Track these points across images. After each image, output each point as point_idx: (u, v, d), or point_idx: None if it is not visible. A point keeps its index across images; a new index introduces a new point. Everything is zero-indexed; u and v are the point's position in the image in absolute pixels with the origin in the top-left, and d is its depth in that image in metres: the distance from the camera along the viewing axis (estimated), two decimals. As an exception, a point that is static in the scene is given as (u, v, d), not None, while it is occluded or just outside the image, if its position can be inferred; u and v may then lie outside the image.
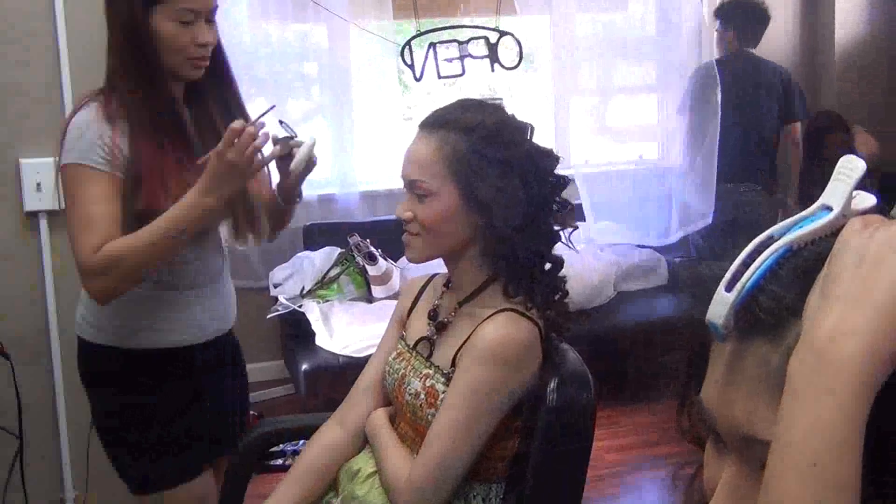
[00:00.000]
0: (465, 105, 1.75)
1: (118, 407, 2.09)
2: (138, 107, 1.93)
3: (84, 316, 2.06)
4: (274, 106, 1.93)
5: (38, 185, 2.53)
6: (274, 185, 2.17)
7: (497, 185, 1.63)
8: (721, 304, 0.66)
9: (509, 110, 1.77)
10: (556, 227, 1.74)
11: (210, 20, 1.98)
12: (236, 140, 1.80)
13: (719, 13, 4.55)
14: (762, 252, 0.67)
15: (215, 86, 2.07)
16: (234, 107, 2.08)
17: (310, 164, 2.02)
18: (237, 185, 1.87)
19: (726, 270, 0.67)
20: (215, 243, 2.14)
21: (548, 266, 1.73)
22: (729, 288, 0.66)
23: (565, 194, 1.75)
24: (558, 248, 1.76)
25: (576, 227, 1.79)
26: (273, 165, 2.10)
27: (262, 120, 1.88)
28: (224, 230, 2.16)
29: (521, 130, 1.71)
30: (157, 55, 1.94)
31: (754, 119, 4.44)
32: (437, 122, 1.70)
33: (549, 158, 1.72)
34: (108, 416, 2.11)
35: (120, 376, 2.07)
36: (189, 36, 1.93)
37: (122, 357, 2.05)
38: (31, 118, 2.51)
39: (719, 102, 4.37)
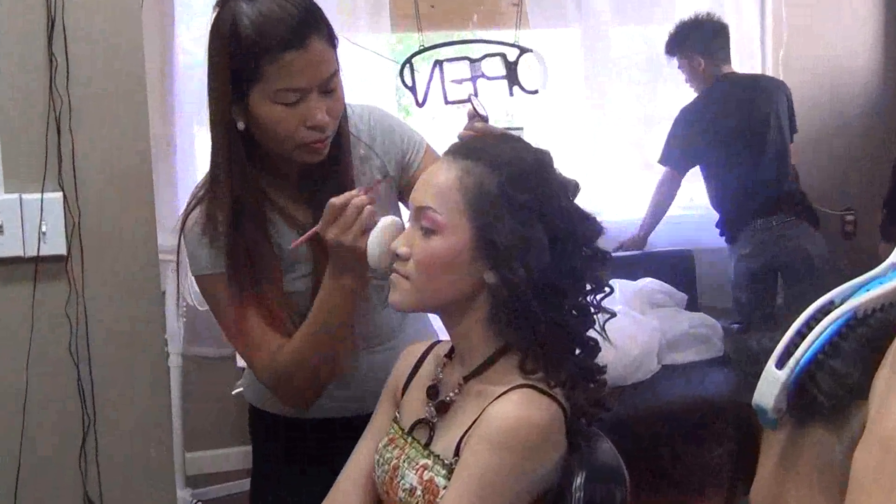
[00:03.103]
0: (503, 138, 1.78)
1: (253, 467, 2.38)
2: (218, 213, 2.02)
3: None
4: (388, 176, 1.96)
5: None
6: None
7: (518, 233, 1.63)
8: (771, 385, 0.66)
9: (531, 141, 1.78)
10: (592, 309, 1.73)
11: (327, 90, 1.93)
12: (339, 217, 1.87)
13: (673, 47, 4.67)
14: (820, 320, 0.67)
15: (329, 169, 2.05)
16: (347, 185, 2.04)
17: None
18: (361, 259, 1.88)
19: (776, 342, 0.67)
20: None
21: (577, 351, 1.72)
22: (780, 364, 0.66)
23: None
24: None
25: (611, 291, 1.77)
26: None
27: (374, 191, 1.93)
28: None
29: (562, 184, 1.71)
30: (256, 147, 1.98)
31: (772, 141, 4.59)
32: (465, 151, 1.72)
33: (590, 225, 1.72)
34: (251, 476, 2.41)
35: (254, 436, 2.37)
36: (297, 118, 1.90)
37: (255, 415, 2.33)
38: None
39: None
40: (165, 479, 2.78)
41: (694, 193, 4.99)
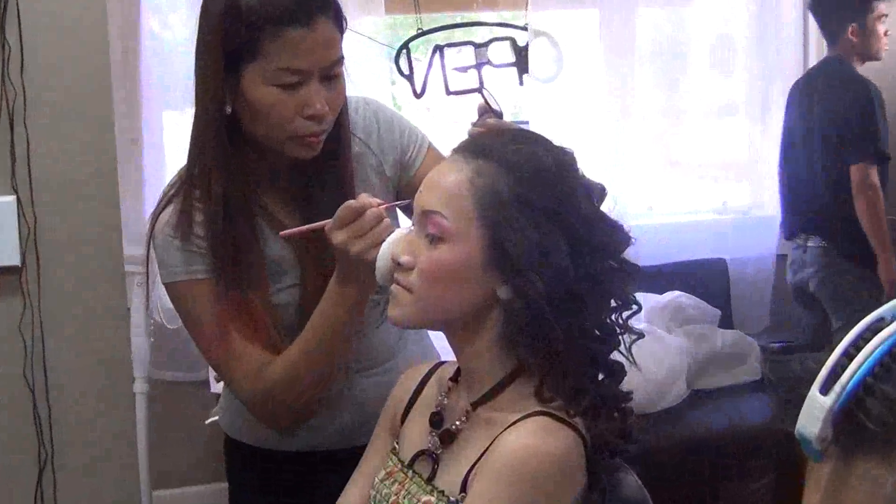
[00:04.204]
0: (519, 135, 1.77)
1: (230, 500, 2.39)
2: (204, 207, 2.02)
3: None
4: (409, 201, 1.92)
5: None
6: None
7: (535, 242, 1.63)
8: (815, 411, 0.67)
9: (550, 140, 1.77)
10: (618, 329, 1.73)
11: (329, 77, 1.95)
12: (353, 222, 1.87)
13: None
14: (869, 339, 0.68)
15: (325, 166, 2.06)
16: (345, 188, 2.06)
17: None
18: (368, 270, 1.87)
19: (820, 363, 0.68)
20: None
21: (600, 375, 1.73)
22: (825, 389, 0.66)
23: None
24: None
25: (639, 309, 1.77)
26: None
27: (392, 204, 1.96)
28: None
29: (586, 188, 1.72)
30: (246, 134, 2.00)
31: (816, 152, 4.57)
32: (476, 149, 1.71)
33: (617, 234, 1.72)
34: None
35: (230, 467, 2.38)
36: (293, 104, 1.92)
37: (231, 446, 2.33)
38: None
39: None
40: (131, 520, 2.79)
41: (728, 196, 5.00)
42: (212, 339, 2.07)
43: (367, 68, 4.40)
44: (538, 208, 1.64)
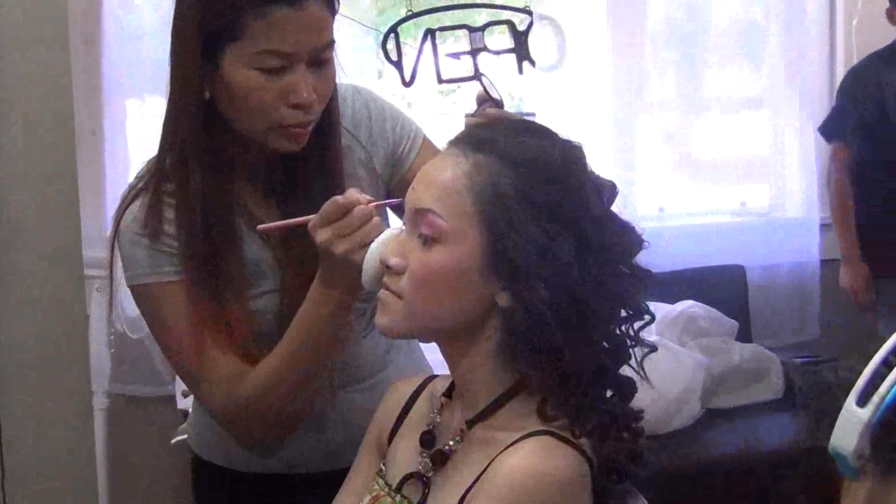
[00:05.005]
0: (522, 127, 1.77)
1: None
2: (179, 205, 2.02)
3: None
4: (401, 199, 1.92)
5: None
6: None
7: (540, 245, 1.62)
8: (851, 425, 0.67)
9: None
10: (629, 341, 1.73)
11: (318, 62, 1.95)
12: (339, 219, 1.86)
13: None
14: None
15: (312, 158, 2.07)
16: (334, 184, 2.06)
17: None
18: (354, 272, 1.87)
19: (856, 373, 0.67)
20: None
21: (609, 392, 1.72)
22: (862, 401, 0.67)
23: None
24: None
25: (652, 319, 1.76)
26: None
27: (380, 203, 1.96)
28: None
29: (596, 186, 1.71)
30: (225, 124, 1.99)
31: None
32: (475, 142, 1.70)
33: (629, 237, 1.71)
34: None
35: (197, 488, 2.38)
36: (277, 91, 1.92)
37: (200, 466, 2.34)
38: None
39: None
40: (90, 549, 2.78)
41: (747, 197, 5.00)
42: (181, 341, 2.05)
43: (352, 54, 4.41)
44: (543, 206, 1.63)
